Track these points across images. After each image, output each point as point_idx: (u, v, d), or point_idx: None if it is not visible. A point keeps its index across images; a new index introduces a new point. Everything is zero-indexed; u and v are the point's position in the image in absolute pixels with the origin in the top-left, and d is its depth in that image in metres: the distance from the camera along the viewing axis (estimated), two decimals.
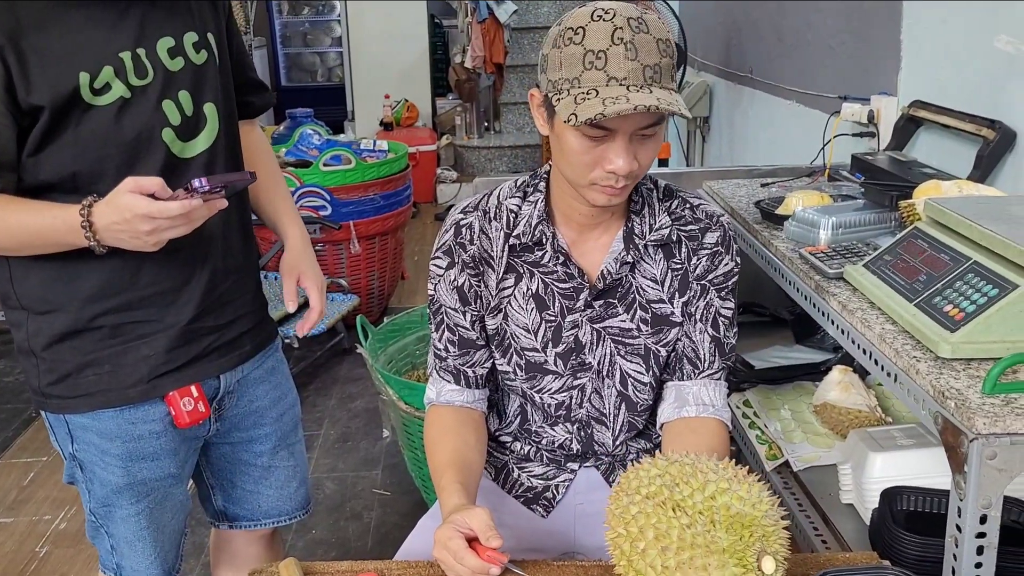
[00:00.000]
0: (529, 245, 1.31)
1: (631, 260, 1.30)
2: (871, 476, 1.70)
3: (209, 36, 1.38)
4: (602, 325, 1.33)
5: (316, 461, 3.04)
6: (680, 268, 1.33)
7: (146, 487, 1.43)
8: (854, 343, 1.45)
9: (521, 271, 1.33)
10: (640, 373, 1.36)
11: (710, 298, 1.34)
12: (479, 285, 1.34)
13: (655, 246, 1.32)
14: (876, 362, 1.38)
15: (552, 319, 1.33)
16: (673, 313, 1.34)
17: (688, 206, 1.34)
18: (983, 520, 1.13)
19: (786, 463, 1.97)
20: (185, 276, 1.38)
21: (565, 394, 1.37)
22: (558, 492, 1.44)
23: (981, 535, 1.14)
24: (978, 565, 1.15)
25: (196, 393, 1.41)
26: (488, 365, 1.38)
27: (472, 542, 1.11)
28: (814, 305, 1.62)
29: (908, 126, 2.30)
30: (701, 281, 1.33)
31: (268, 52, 8.64)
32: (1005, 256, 1.27)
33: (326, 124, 4.77)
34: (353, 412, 3.40)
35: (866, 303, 1.47)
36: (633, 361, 1.35)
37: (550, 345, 1.34)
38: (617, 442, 1.41)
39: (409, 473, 2.73)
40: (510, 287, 1.33)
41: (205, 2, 1.40)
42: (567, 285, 1.32)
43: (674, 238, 1.32)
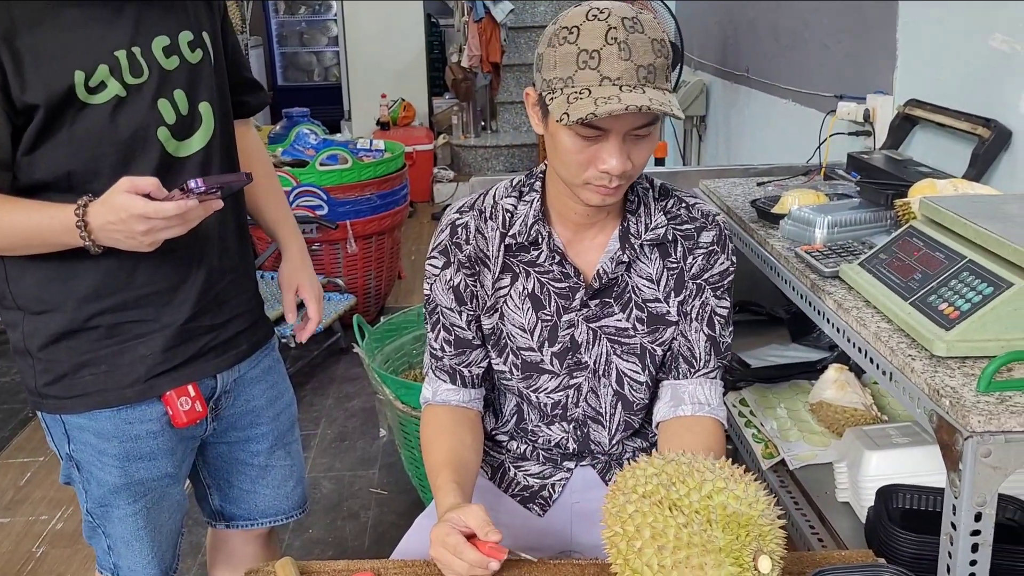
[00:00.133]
0: (525, 244, 1.31)
1: (627, 259, 1.30)
2: (867, 474, 1.70)
3: (204, 35, 1.38)
4: (598, 324, 1.33)
5: (313, 460, 3.04)
6: (676, 267, 1.33)
7: (143, 487, 1.43)
8: (849, 341, 1.46)
9: (517, 270, 1.33)
10: (636, 372, 1.36)
11: (706, 297, 1.34)
12: (475, 285, 1.34)
13: (651, 245, 1.32)
14: (871, 360, 1.38)
15: (548, 318, 1.33)
16: (669, 312, 1.34)
17: (684, 205, 1.34)
18: (978, 518, 1.13)
19: (782, 461, 1.97)
20: (181, 276, 1.38)
21: (561, 393, 1.37)
22: (554, 491, 1.44)
23: (976, 533, 1.14)
24: (973, 563, 1.15)
25: (193, 393, 1.41)
26: (484, 364, 1.38)
27: (470, 539, 1.11)
28: (810, 304, 1.62)
29: (904, 125, 2.31)
30: (697, 280, 1.33)
31: (264, 51, 8.63)
32: (1000, 255, 1.27)
33: (322, 123, 4.77)
34: (350, 411, 3.40)
35: (861, 301, 1.47)
36: (629, 360, 1.35)
37: (546, 344, 1.34)
38: (613, 441, 1.41)
39: (406, 472, 2.73)
40: (506, 287, 1.33)
41: (200, 1, 1.40)
42: (563, 284, 1.32)
43: (670, 237, 1.32)
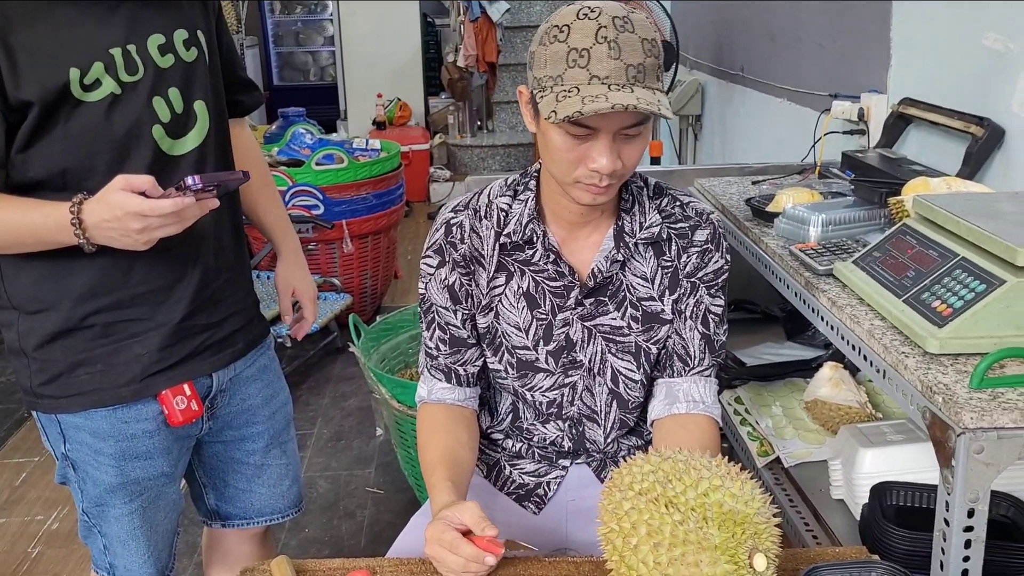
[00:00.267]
0: (520, 244, 1.31)
1: (621, 258, 1.31)
2: (861, 472, 1.70)
3: (199, 34, 1.38)
4: (593, 323, 1.33)
5: (309, 460, 3.04)
6: (670, 266, 1.33)
7: (139, 486, 1.43)
8: (843, 339, 1.46)
9: (512, 269, 1.33)
10: (631, 370, 1.36)
11: (700, 295, 1.34)
12: (470, 284, 1.34)
13: (645, 244, 1.32)
14: (865, 358, 1.38)
15: (543, 317, 1.33)
16: (663, 311, 1.34)
17: (678, 204, 1.34)
18: (971, 514, 1.13)
19: (777, 459, 1.98)
20: (177, 274, 1.38)
21: (556, 392, 1.37)
22: (550, 489, 1.44)
23: (969, 529, 1.14)
24: (966, 559, 1.16)
25: (189, 392, 1.41)
26: (479, 363, 1.38)
27: (465, 536, 1.11)
28: (804, 302, 1.63)
29: (898, 123, 2.31)
30: (691, 278, 1.34)
31: (260, 51, 8.62)
32: (992, 252, 1.28)
33: (318, 123, 4.76)
34: (346, 411, 3.40)
35: (855, 299, 1.48)
36: (624, 359, 1.35)
37: (541, 343, 1.34)
38: (608, 439, 1.41)
39: (402, 471, 2.73)
40: (501, 285, 1.34)
41: (195, 1, 1.40)
42: (558, 283, 1.32)
43: (664, 236, 1.32)
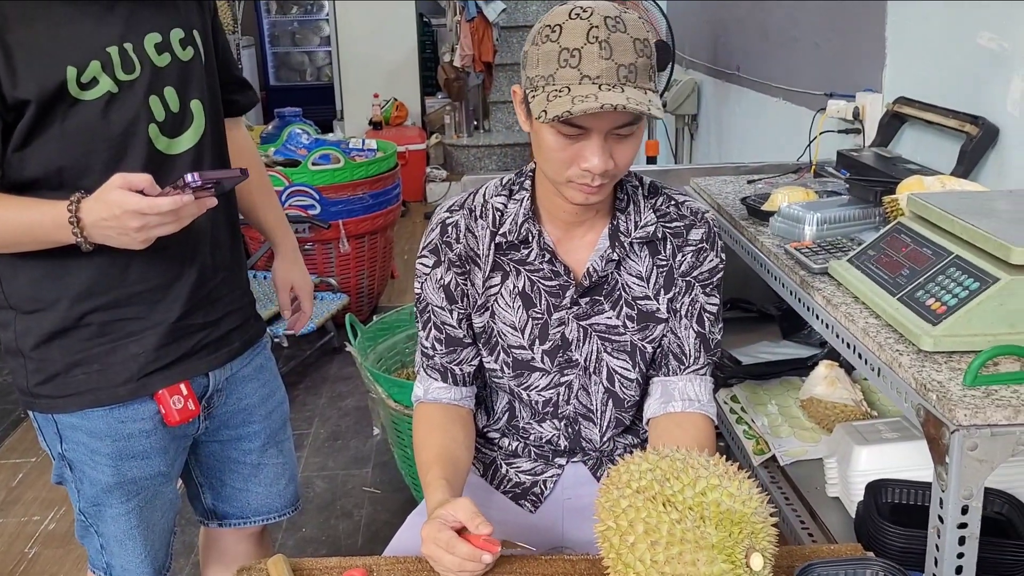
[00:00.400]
0: (515, 243, 1.32)
1: (617, 257, 1.31)
2: (856, 469, 1.71)
3: (195, 33, 1.39)
4: (588, 322, 1.34)
5: (306, 459, 3.04)
6: (665, 265, 1.34)
7: (136, 486, 1.43)
8: (838, 337, 1.47)
9: (507, 269, 1.33)
10: (626, 369, 1.36)
11: (695, 294, 1.35)
12: (465, 283, 1.34)
13: (640, 243, 1.32)
14: (860, 356, 1.39)
15: (539, 316, 1.33)
16: (659, 310, 1.34)
17: (673, 203, 1.34)
18: (965, 511, 1.14)
19: (773, 457, 1.98)
20: (174, 273, 1.38)
21: (552, 391, 1.38)
22: (546, 487, 1.44)
23: (963, 526, 1.15)
24: (960, 555, 1.16)
25: (185, 391, 1.41)
26: (475, 363, 1.39)
27: (461, 534, 1.11)
28: (799, 300, 1.63)
29: (893, 122, 2.32)
30: (686, 277, 1.34)
31: (256, 51, 8.61)
32: (986, 250, 1.28)
33: (315, 123, 4.76)
34: (343, 411, 3.41)
35: (850, 297, 1.48)
36: (619, 357, 1.36)
37: (537, 342, 1.34)
38: (604, 438, 1.42)
39: (399, 471, 2.74)
40: (496, 285, 1.34)
41: (191, 0, 1.40)
42: (553, 283, 1.32)
43: (659, 235, 1.32)
